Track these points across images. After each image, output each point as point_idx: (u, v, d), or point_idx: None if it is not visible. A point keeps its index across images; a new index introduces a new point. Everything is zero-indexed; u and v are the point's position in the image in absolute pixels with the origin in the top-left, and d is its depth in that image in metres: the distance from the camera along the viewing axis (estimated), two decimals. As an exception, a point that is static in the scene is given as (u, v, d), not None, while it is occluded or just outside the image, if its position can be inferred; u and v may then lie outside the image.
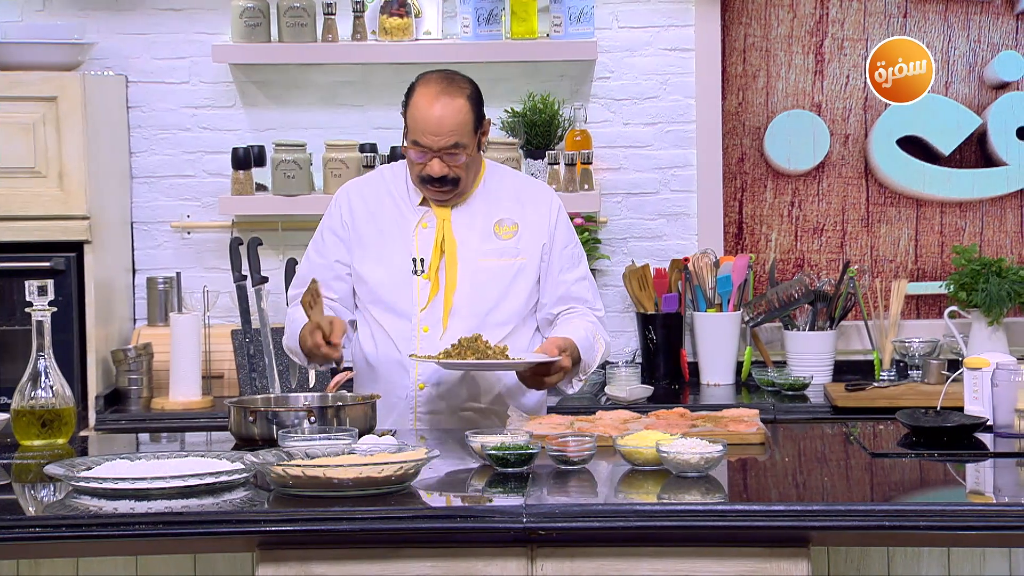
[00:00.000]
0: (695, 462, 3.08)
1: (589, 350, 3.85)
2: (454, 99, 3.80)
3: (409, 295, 3.87)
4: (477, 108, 3.85)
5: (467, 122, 3.81)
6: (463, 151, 3.81)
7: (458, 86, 3.83)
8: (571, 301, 3.95)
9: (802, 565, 2.88)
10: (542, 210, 3.96)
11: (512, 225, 3.92)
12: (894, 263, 5.33)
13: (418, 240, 3.89)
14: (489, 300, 3.87)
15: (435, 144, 3.79)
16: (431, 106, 3.79)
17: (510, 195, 3.96)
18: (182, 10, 5.26)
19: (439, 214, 3.90)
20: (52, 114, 4.77)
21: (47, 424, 3.53)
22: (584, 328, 3.87)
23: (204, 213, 5.30)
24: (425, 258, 3.88)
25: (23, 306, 3.69)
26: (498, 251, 3.90)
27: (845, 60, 5.29)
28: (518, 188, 3.99)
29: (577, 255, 4.00)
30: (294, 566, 2.89)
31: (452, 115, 3.78)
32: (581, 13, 5.08)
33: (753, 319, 5.18)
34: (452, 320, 3.85)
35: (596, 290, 4.04)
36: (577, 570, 2.89)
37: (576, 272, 3.98)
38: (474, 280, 3.87)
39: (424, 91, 3.83)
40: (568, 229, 3.99)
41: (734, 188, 5.32)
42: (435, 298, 3.86)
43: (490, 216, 3.92)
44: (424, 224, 3.91)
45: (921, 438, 3.49)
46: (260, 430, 3.45)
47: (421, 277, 3.87)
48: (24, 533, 2.87)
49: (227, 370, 5.02)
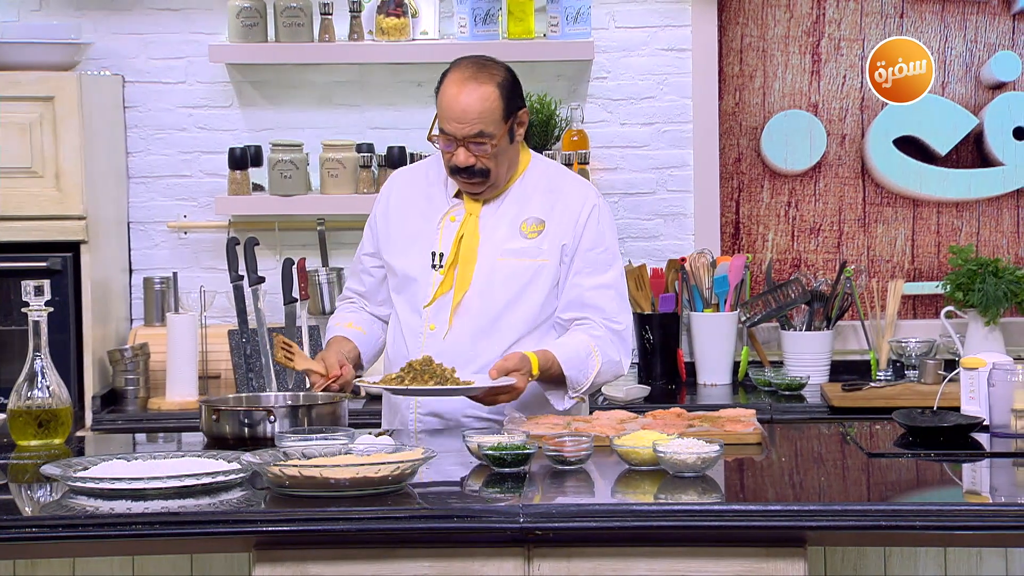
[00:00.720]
0: (692, 462, 3.08)
1: (578, 367, 3.68)
2: (481, 85, 3.65)
3: (425, 290, 3.78)
4: (509, 96, 3.69)
5: (494, 110, 3.65)
6: (489, 141, 3.66)
7: (488, 72, 3.68)
8: (585, 308, 3.75)
9: (799, 565, 2.88)
10: (572, 207, 3.78)
11: (538, 223, 3.78)
12: (891, 263, 5.34)
13: (442, 233, 3.79)
14: (499, 302, 3.74)
15: (459, 132, 3.66)
16: (458, 92, 3.66)
17: (544, 191, 3.81)
18: (179, 10, 5.26)
19: (469, 208, 3.78)
20: (49, 114, 4.77)
21: (44, 424, 3.53)
22: (577, 344, 3.70)
23: (201, 213, 5.30)
24: (444, 252, 3.78)
25: (20, 306, 3.68)
26: (519, 251, 3.76)
27: (842, 60, 5.29)
28: (554, 184, 3.82)
29: (604, 261, 3.78)
30: (291, 566, 2.89)
31: (478, 102, 3.64)
32: (578, 13, 5.09)
33: (750, 319, 5.18)
34: (457, 319, 3.74)
35: (623, 301, 3.81)
36: (574, 570, 2.89)
37: (597, 278, 3.77)
38: (489, 280, 3.74)
39: (453, 76, 3.69)
40: (599, 232, 3.78)
41: (731, 188, 5.32)
42: (445, 295, 3.75)
43: (521, 213, 3.79)
44: (452, 217, 3.79)
45: (918, 438, 3.49)
46: (230, 429, 3.47)
47: (438, 272, 3.77)
48: (20, 533, 2.87)
49: (224, 370, 5.02)
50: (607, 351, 3.74)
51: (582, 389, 3.72)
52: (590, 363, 3.70)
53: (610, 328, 3.76)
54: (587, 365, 3.70)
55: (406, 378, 3.49)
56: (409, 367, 3.52)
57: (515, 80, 3.74)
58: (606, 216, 3.82)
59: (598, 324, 3.75)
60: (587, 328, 3.75)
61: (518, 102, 3.73)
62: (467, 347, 3.73)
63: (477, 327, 3.73)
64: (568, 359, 3.67)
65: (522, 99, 3.76)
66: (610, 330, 3.76)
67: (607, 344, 3.74)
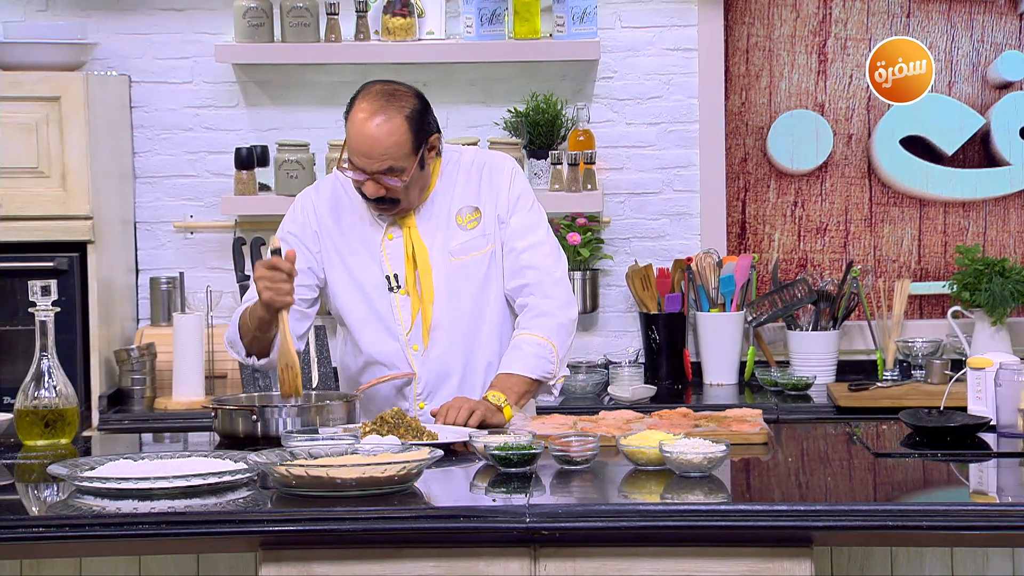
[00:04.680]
0: (698, 462, 3.08)
1: (540, 366, 3.67)
2: (389, 120, 3.57)
3: (391, 315, 3.75)
4: (418, 127, 3.61)
5: (403, 143, 3.58)
6: (399, 176, 3.61)
7: (396, 105, 3.60)
8: (524, 272, 3.74)
9: (805, 565, 2.88)
10: (496, 180, 3.76)
11: (472, 212, 3.76)
12: (897, 263, 5.33)
13: (387, 254, 3.75)
14: (465, 304, 3.75)
15: (368, 167, 3.59)
16: (364, 126, 3.57)
17: (464, 175, 3.77)
18: (185, 10, 5.26)
19: (403, 221, 3.74)
20: (55, 114, 4.77)
21: (50, 424, 3.53)
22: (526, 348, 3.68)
23: (207, 213, 5.30)
24: (399, 272, 3.73)
25: (26, 306, 3.69)
26: (465, 246, 3.74)
27: (848, 60, 5.29)
28: (472, 168, 3.78)
29: (532, 221, 3.77)
30: (297, 566, 2.89)
31: (386, 136, 3.56)
32: (584, 13, 5.08)
33: (756, 319, 5.17)
34: (435, 333, 3.74)
35: (556, 251, 3.79)
36: (580, 570, 2.89)
37: (529, 238, 3.76)
38: (449, 286, 3.73)
39: (361, 107, 3.60)
40: (523, 193, 3.78)
41: (737, 188, 5.32)
42: (416, 315, 3.73)
43: (452, 206, 3.76)
44: (390, 235, 3.75)
45: (924, 438, 3.48)
46: (241, 427, 3.47)
47: (399, 294, 3.73)
48: (27, 533, 2.87)
49: (230, 370, 5.02)
50: (552, 321, 3.71)
51: (557, 374, 3.73)
52: (548, 353, 3.69)
53: (551, 279, 3.74)
54: (548, 357, 3.69)
55: (382, 431, 3.36)
56: (381, 420, 3.40)
57: (425, 106, 3.66)
58: (522, 175, 3.82)
59: (537, 283, 3.72)
60: (528, 309, 3.72)
61: (429, 129, 3.66)
62: (455, 357, 3.76)
63: (455, 335, 3.73)
64: (526, 365, 3.67)
65: (433, 123, 3.68)
66: (552, 281, 3.74)
67: (550, 316, 3.71)
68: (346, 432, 3.35)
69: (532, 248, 3.77)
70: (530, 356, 3.70)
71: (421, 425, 3.43)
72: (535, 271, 3.76)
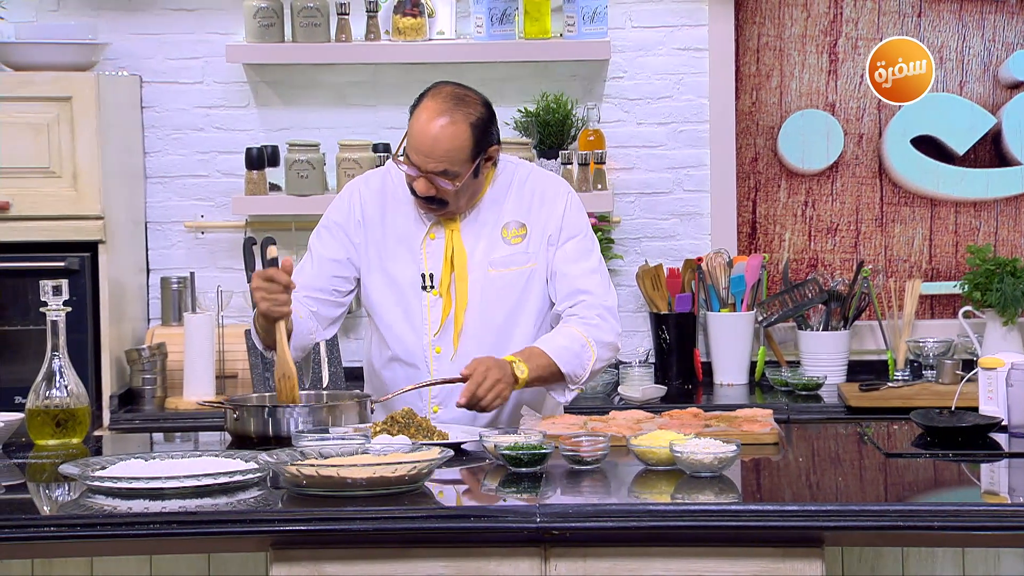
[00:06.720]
0: (709, 462, 3.08)
1: (573, 361, 3.67)
2: (454, 124, 3.58)
3: (420, 313, 3.74)
4: (481, 136, 3.61)
5: (463, 149, 3.59)
6: (452, 180, 3.60)
7: (464, 111, 3.60)
8: (579, 295, 3.74)
9: (816, 565, 2.88)
10: (549, 201, 3.77)
11: (519, 227, 3.76)
12: (908, 263, 5.33)
13: (426, 253, 3.75)
14: (498, 316, 3.73)
15: (424, 165, 3.59)
16: (428, 125, 3.58)
17: (516, 191, 3.77)
18: (195, 10, 5.27)
19: (447, 223, 3.74)
20: (66, 114, 4.78)
21: (61, 424, 3.54)
22: (569, 338, 3.68)
23: (218, 213, 5.31)
24: (435, 273, 3.73)
25: (38, 306, 3.70)
26: (507, 259, 3.74)
27: (859, 60, 5.28)
28: (526, 185, 3.79)
29: (586, 248, 3.79)
30: (307, 566, 2.89)
31: (447, 140, 3.57)
32: (594, 13, 5.08)
33: (767, 319, 5.17)
34: (463, 340, 3.72)
35: (608, 282, 3.83)
36: (590, 570, 2.89)
37: (583, 264, 3.76)
38: (484, 295, 3.73)
39: (428, 105, 3.61)
40: (577, 220, 3.78)
41: (747, 188, 5.31)
42: (447, 317, 3.72)
43: (500, 218, 3.76)
44: (432, 235, 3.74)
45: (935, 438, 3.48)
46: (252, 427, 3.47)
47: (431, 294, 3.72)
48: (38, 532, 2.87)
49: (241, 370, 5.02)
50: (601, 336, 3.73)
51: (581, 380, 3.73)
52: (585, 355, 3.70)
53: (604, 306, 3.76)
54: (583, 357, 3.69)
55: (392, 431, 3.36)
56: (392, 420, 3.40)
57: (491, 116, 3.66)
58: (578, 203, 3.82)
59: (591, 305, 3.74)
60: (579, 317, 3.73)
61: (490, 139, 3.66)
62: None
63: (483, 345, 3.70)
64: (560, 353, 3.65)
65: (495, 134, 3.68)
66: (605, 308, 3.76)
67: (600, 330, 3.74)
68: (357, 432, 3.35)
69: (586, 275, 3.77)
70: (568, 350, 3.68)
71: (432, 425, 3.43)
72: (591, 296, 3.76)
